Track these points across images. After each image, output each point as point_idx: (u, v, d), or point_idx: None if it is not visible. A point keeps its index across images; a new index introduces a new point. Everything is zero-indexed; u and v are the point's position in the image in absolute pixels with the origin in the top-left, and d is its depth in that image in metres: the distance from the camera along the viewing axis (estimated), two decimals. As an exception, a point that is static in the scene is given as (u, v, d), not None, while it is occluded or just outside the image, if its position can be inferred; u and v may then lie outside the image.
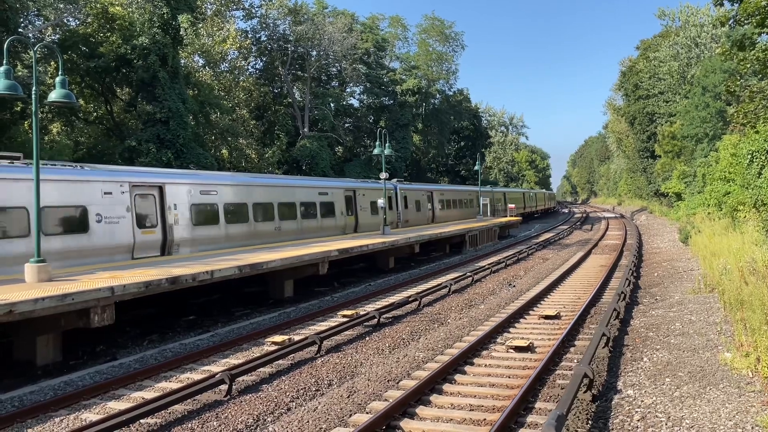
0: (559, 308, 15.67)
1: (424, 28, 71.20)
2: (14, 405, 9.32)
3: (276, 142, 48.43)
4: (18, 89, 12.07)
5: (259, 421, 8.53)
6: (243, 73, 49.85)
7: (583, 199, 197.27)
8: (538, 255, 30.64)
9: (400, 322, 14.93)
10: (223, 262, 15.66)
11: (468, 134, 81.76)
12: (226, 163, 43.12)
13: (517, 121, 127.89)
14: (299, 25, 50.56)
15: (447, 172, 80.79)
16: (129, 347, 13.24)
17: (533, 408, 8.55)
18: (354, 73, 57.60)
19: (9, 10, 25.30)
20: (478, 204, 48.84)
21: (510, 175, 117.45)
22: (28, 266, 12.26)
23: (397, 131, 58.57)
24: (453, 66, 72.88)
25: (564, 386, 9.34)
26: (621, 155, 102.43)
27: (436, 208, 40.28)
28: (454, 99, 75.32)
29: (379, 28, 65.23)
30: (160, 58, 32.23)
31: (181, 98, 33.56)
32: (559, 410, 7.26)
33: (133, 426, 8.18)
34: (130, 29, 32.91)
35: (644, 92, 63.25)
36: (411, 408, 8.59)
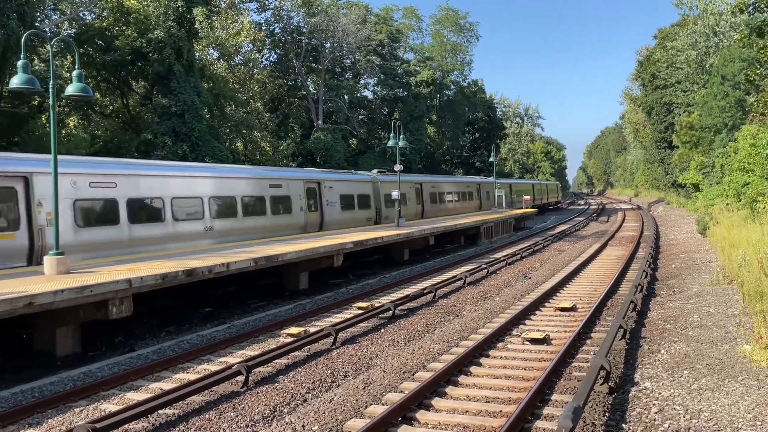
0: (576, 300, 15.58)
1: (439, 19, 70.87)
2: (34, 395, 9.45)
3: (290, 134, 48.48)
4: (36, 83, 12.18)
5: (275, 412, 8.58)
6: (257, 66, 49.88)
7: (599, 190, 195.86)
8: (553, 247, 30.48)
9: (415, 314, 14.93)
10: (239, 255, 15.74)
11: (483, 125, 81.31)
12: (241, 155, 43.25)
13: (532, 112, 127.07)
14: (313, 17, 50.47)
15: (461, 164, 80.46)
16: (147, 338, 13.38)
17: (549, 400, 8.51)
18: (368, 65, 57.46)
19: (26, 4, 25.47)
20: (480, 196, 46.61)
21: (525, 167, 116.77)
22: (47, 258, 12.41)
23: (411, 123, 58.39)
24: (467, 57, 72.55)
25: (580, 378, 9.30)
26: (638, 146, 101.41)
27: (425, 201, 36.33)
28: (468, 90, 74.92)
29: (393, 20, 64.92)
30: (175, 51, 32.34)
31: (196, 91, 33.68)
32: (576, 402, 7.23)
33: (151, 416, 8.26)
34: (146, 23, 33.03)
35: (662, 82, 62.49)
36: (427, 399, 8.59)
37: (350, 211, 27.38)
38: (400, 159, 28.86)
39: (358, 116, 61.71)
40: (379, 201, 29.97)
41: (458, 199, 42.22)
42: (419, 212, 35.66)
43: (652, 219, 49.59)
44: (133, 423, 7.97)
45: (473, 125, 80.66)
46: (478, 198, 46.77)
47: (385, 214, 30.68)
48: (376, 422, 7.46)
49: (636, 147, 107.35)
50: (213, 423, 8.19)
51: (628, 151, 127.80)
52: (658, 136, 67.62)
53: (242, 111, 43.53)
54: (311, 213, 24.74)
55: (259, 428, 8.05)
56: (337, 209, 26.46)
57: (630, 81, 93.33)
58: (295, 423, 8.09)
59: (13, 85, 12.05)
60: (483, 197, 47.80)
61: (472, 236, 33.18)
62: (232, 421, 8.25)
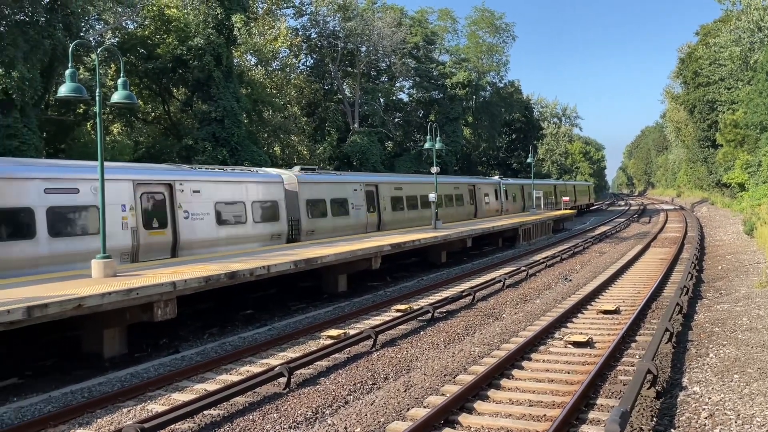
0: (619, 303, 15.30)
1: (474, 20, 70.47)
2: (84, 396, 9.70)
3: (327, 138, 48.84)
4: (83, 91, 12.52)
5: (317, 414, 8.64)
6: (294, 71, 50.37)
7: (639, 190, 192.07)
8: (594, 248, 29.99)
9: (454, 316, 14.86)
10: (279, 258, 15.90)
11: (519, 126, 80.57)
12: (279, 160, 43.73)
13: (570, 112, 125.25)
14: (349, 21, 50.75)
15: (498, 165, 79.82)
16: (190, 340, 13.61)
17: (595, 404, 8.37)
18: (403, 68, 57.49)
19: (72, 15, 26.23)
20: (476, 200, 38.16)
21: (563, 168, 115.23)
22: (95, 262, 12.72)
23: (447, 125, 58.17)
24: (504, 57, 71.94)
25: (626, 382, 9.12)
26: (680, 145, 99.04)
27: (384, 208, 27.62)
28: (505, 91, 74.30)
29: (428, 22, 64.81)
30: (215, 58, 32.89)
31: (235, 97, 34.19)
32: (623, 407, 7.09)
33: (197, 417, 8.40)
34: (186, 30, 33.69)
35: (704, 79, 60.93)
36: (469, 403, 8.54)
37: (226, 227, 18.83)
38: (436, 161, 28.74)
39: (394, 119, 61.77)
40: (297, 210, 22.07)
41: (446, 205, 33.62)
42: (373, 223, 26.77)
43: (695, 220, 48.41)
44: (180, 423, 8.11)
45: (510, 126, 79.98)
46: (471, 203, 37.57)
47: (310, 227, 22.77)
48: (418, 425, 7.45)
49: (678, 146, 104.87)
50: (257, 424, 8.28)
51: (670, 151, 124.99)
52: (701, 135, 65.97)
53: (280, 116, 44.03)
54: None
55: (301, 430, 8.11)
56: (204, 225, 17.98)
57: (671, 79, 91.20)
58: (338, 425, 8.12)
59: (62, 93, 12.41)
60: (479, 201, 38.93)
61: (510, 238, 32.87)
62: (276, 422, 8.33)
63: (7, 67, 23.37)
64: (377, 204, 27.12)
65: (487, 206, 40.33)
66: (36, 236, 13.50)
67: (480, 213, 38.67)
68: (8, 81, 23.22)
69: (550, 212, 45.27)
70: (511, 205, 45.14)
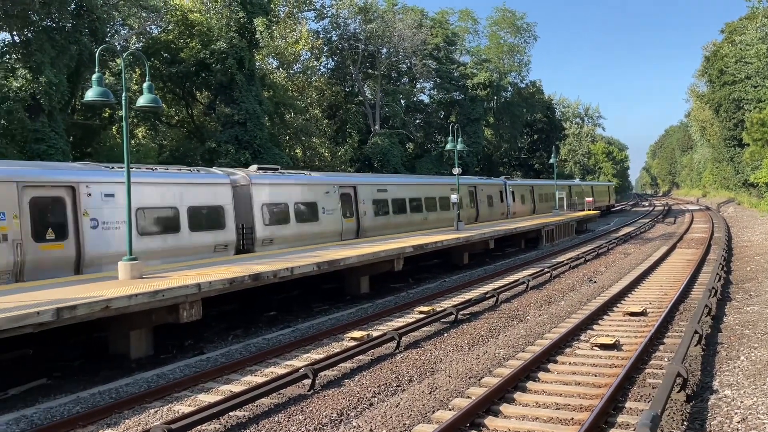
0: (645, 305, 15.08)
1: (495, 21, 70.20)
2: (111, 396, 9.80)
3: (348, 140, 48.97)
4: (109, 96, 12.68)
5: (342, 416, 8.62)
6: (315, 73, 50.58)
7: (664, 191, 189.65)
8: (618, 250, 29.63)
9: (477, 318, 14.77)
10: (302, 259, 15.95)
11: (541, 127, 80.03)
12: (300, 162, 43.93)
13: (592, 112, 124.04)
14: (369, 23, 50.83)
15: (520, 166, 79.36)
16: (215, 342, 13.70)
17: (623, 407, 8.25)
18: (424, 69, 57.39)
19: (97, 20, 26.64)
20: (474, 202, 34.48)
21: (586, 168, 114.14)
22: (121, 264, 12.87)
23: (468, 126, 57.95)
24: (525, 58, 71.58)
25: (655, 386, 8.98)
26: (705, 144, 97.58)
27: (363, 213, 24.59)
28: (526, 91, 73.86)
29: (448, 23, 64.64)
30: (237, 61, 33.15)
31: (258, 100, 34.42)
32: (653, 410, 6.96)
33: (223, 418, 8.44)
34: (209, 34, 34.01)
35: (730, 78, 59.95)
36: (495, 405, 8.47)
37: (152, 237, 16.08)
38: (458, 162, 28.61)
39: (415, 120, 61.69)
40: (250, 216, 19.26)
41: (431, 209, 29.76)
42: (351, 230, 23.79)
43: (722, 220, 47.61)
44: (206, 424, 8.15)
45: (531, 127, 79.49)
46: (471, 205, 34.62)
47: (268, 235, 19.59)
48: (444, 428, 7.40)
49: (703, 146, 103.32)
50: (282, 425, 8.30)
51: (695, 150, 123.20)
52: (727, 134, 64.89)
53: (301, 118, 44.23)
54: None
55: (327, 431, 8.10)
56: (120, 236, 14.83)
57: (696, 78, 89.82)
58: (363, 427, 8.10)
59: (89, 97, 12.58)
60: (481, 204, 35.49)
61: (533, 239, 32.62)
62: (301, 424, 8.34)
63: (35, 73, 23.81)
64: (355, 208, 24.07)
65: (491, 209, 36.87)
66: None
67: (482, 217, 35.24)
68: (36, 86, 23.66)
69: (573, 213, 44.81)
70: (519, 207, 41.76)
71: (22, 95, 23.77)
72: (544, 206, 46.54)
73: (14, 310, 9.38)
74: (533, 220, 35.64)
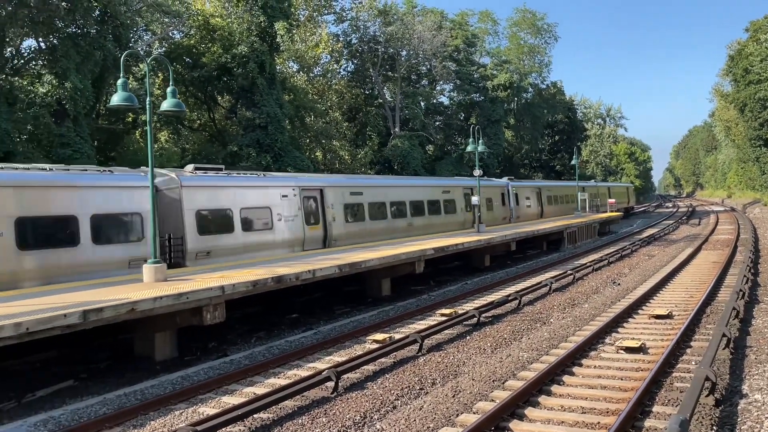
0: (671, 307, 14.87)
1: (515, 21, 69.86)
2: (137, 398, 9.90)
3: (368, 142, 49.05)
4: (134, 100, 12.85)
5: (366, 419, 8.61)
6: (335, 76, 50.75)
7: (687, 192, 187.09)
8: (642, 251, 29.28)
9: (500, 321, 14.68)
10: (323, 262, 15.99)
11: (563, 128, 79.36)
12: (320, 164, 44.10)
13: (614, 113, 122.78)
14: (389, 25, 50.87)
15: (541, 168, 78.79)
16: (238, 344, 13.79)
17: (651, 412, 8.14)
18: (444, 71, 57.26)
19: (121, 26, 27.01)
20: (469, 206, 30.09)
21: (608, 169, 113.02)
22: (146, 267, 13.01)
23: (488, 127, 57.69)
24: (546, 58, 71.09)
25: (683, 390, 8.84)
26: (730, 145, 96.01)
27: (330, 219, 21.61)
28: (547, 92, 73.34)
29: (468, 24, 64.46)
30: (258, 65, 33.37)
31: (278, 103, 34.62)
32: (682, 414, 6.86)
33: (247, 420, 8.48)
34: (230, 39, 34.30)
35: (755, 77, 59.01)
36: (519, 409, 8.40)
37: (37, 253, 13.37)
38: (478, 164, 28.47)
39: (435, 122, 61.58)
40: (180, 225, 16.32)
41: (417, 213, 26.64)
42: (316, 239, 20.83)
43: (748, 221, 46.83)
44: (231, 426, 8.19)
45: (553, 128, 78.88)
46: (467, 209, 30.44)
47: (202, 247, 16.69)
48: (469, 431, 7.35)
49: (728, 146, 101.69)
50: (306, 428, 8.31)
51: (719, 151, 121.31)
52: (753, 134, 63.86)
53: (321, 121, 44.39)
54: None
55: (351, 434, 8.10)
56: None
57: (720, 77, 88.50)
58: (387, 430, 8.09)
59: (114, 102, 12.75)
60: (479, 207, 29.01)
61: (555, 241, 32.36)
62: (324, 426, 8.34)
63: (61, 78, 24.20)
64: (322, 214, 21.33)
65: (490, 213, 32.98)
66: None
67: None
68: (62, 91, 24.05)
69: (596, 215, 44.32)
70: (524, 210, 38.20)
71: (48, 100, 24.17)
72: (553, 209, 42.89)
73: (43, 312, 9.53)
74: (557, 221, 35.34)
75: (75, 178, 14.45)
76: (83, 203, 14.15)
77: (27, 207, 13.14)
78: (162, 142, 38.48)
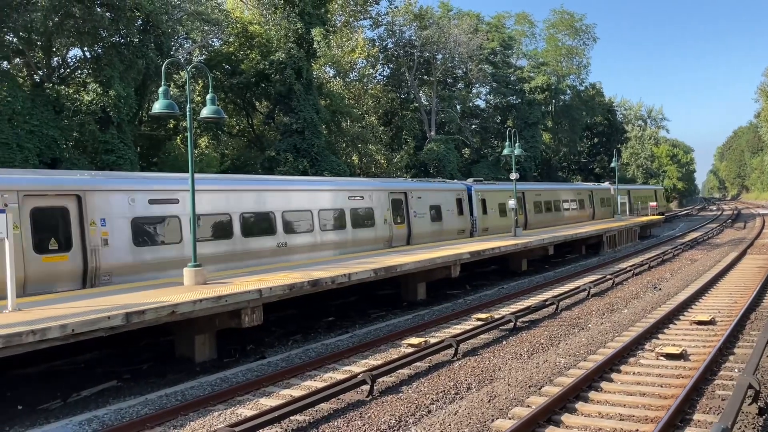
0: (714, 313, 14.51)
1: (553, 23, 69.18)
2: (178, 399, 10.13)
3: (404, 146, 49.14)
4: (175, 108, 13.15)
5: (401, 422, 8.65)
6: (371, 81, 51.02)
7: (732, 194, 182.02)
8: (685, 256, 28.63)
9: (537, 326, 14.55)
10: (359, 266, 16.08)
11: (602, 130, 78.24)
12: (356, 168, 44.36)
13: (656, 114, 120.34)
14: (425, 29, 50.93)
15: (580, 171, 77.73)
16: (275, 346, 13.96)
17: (691, 420, 7.97)
18: (480, 74, 57.04)
19: (163, 35, 27.68)
20: (404, 216, 23.49)
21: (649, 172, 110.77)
22: (186, 270, 13.29)
23: (525, 130, 57.24)
24: (584, 60, 70.29)
25: (725, 397, 8.64)
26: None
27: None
28: (586, 94, 72.40)
29: (504, 27, 64.12)
30: (295, 71, 33.78)
31: (315, 109, 34.96)
32: (723, 423, 6.72)
33: (284, 422, 8.59)
34: (268, 46, 34.81)
35: (804, 75, 57.13)
36: (556, 415, 8.32)
37: None
38: (515, 167, 28.23)
39: (471, 126, 61.35)
40: (79, 235, 13.35)
41: (323, 227, 19.78)
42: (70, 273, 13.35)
43: (797, 225, 45.33)
44: (268, 428, 8.32)
45: (591, 130, 77.80)
46: (400, 220, 23.52)
47: (106, 267, 13.61)
48: (504, 436, 7.33)
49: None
50: (341, 431, 8.39)
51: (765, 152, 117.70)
52: (802, 135, 61.80)
53: (357, 125, 44.67)
54: None
55: (386, 437, 8.15)
56: None
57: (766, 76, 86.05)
58: (422, 434, 8.10)
59: (156, 110, 13.07)
60: (417, 217, 24.37)
61: (594, 245, 31.88)
62: (360, 430, 8.40)
63: (105, 86, 24.91)
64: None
65: (436, 225, 25.55)
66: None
67: (418, 237, 24.18)
68: (106, 99, 24.75)
69: (637, 218, 43.45)
70: (494, 221, 29.76)
71: (93, 108, 24.91)
72: (547, 218, 35.04)
73: (87, 314, 9.83)
74: (595, 225, 34.77)
75: None
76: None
77: None
78: (202, 147, 39.24)
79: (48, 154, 22.94)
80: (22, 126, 22.32)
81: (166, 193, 15.37)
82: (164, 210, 15.13)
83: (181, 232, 15.29)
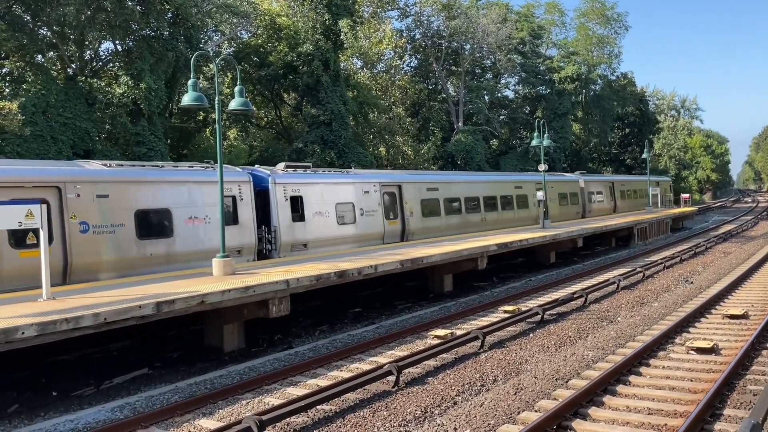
0: (747, 307, 14.23)
1: (583, 12, 67.98)
2: (207, 387, 10.31)
3: (431, 137, 48.89)
4: (204, 100, 13.29)
5: (426, 413, 8.67)
6: (398, 72, 50.81)
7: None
8: (718, 248, 28.09)
9: (564, 319, 14.43)
10: (386, 257, 16.11)
11: (633, 120, 76.75)
12: (384, 160, 44.30)
13: (689, 104, 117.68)
14: (453, 19, 50.49)
15: (611, 162, 76.50)
16: (303, 337, 14.10)
17: (722, 415, 7.85)
18: (509, 64, 56.36)
19: (192, 28, 27.93)
20: None
21: (682, 163, 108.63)
22: (215, 260, 13.47)
23: (554, 121, 56.48)
24: (616, 49, 68.84)
25: (757, 393, 8.49)
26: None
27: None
28: (617, 84, 71.09)
29: (534, 16, 63.19)
30: (323, 63, 33.81)
31: (342, 100, 34.99)
32: (754, 418, 6.60)
33: (310, 411, 8.68)
34: (296, 38, 34.88)
35: None
36: (583, 408, 8.27)
37: None
38: (544, 159, 27.93)
39: (499, 116, 60.75)
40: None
41: None
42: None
43: (836, 217, 44.12)
44: (294, 417, 8.42)
45: (623, 120, 76.40)
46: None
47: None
48: (530, 429, 7.31)
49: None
50: (367, 421, 8.45)
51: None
52: (843, 124, 59.93)
53: (385, 117, 44.58)
54: None
55: (411, 428, 8.18)
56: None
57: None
58: (447, 425, 8.12)
59: (185, 102, 13.24)
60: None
61: (624, 238, 31.47)
62: (385, 420, 8.45)
63: (136, 79, 25.25)
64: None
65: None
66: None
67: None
68: (137, 92, 25.10)
69: (668, 210, 42.67)
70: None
71: (125, 101, 25.29)
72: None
73: (119, 303, 10.04)
74: (625, 217, 34.26)
75: None
76: None
77: None
78: (231, 139, 39.60)
79: (81, 146, 23.38)
80: (56, 119, 22.77)
81: None
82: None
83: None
